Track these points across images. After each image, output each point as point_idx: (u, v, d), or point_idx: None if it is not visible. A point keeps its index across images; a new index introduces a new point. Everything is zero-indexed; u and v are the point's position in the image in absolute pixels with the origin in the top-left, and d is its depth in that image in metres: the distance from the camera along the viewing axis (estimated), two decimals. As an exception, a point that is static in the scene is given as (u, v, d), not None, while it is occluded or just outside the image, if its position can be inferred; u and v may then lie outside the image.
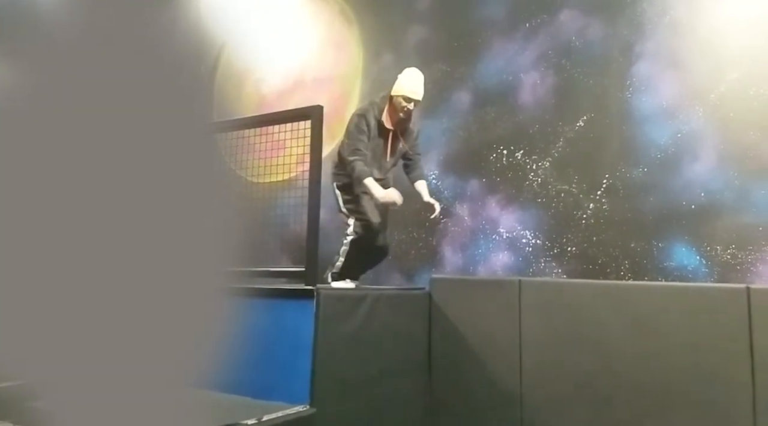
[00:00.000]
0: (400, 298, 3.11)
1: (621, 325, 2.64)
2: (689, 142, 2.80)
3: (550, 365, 2.79)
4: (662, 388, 2.50)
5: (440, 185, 3.61)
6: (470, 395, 2.98)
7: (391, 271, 3.70)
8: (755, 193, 2.64)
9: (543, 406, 2.76)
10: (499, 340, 2.94)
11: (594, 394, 2.64)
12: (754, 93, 2.70)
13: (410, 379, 3.02)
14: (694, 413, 2.42)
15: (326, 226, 3.91)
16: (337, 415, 2.41)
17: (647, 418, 2.51)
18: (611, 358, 2.63)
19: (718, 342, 2.43)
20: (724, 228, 2.66)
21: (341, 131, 4.05)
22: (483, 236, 3.43)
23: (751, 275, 2.59)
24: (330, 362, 2.41)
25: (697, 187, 2.75)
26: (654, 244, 2.81)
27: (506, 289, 3.01)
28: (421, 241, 3.65)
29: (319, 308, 2.35)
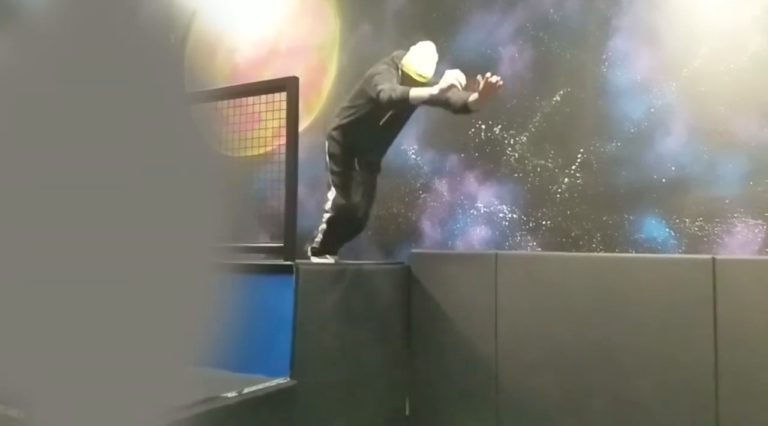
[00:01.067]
0: (379, 272, 3.19)
1: (592, 295, 2.79)
2: (662, 116, 2.90)
3: (525, 334, 2.93)
4: (630, 354, 2.66)
5: (419, 160, 3.67)
6: (448, 364, 3.12)
7: (370, 247, 3.77)
8: (723, 167, 2.77)
9: (517, 373, 2.91)
10: (476, 311, 3.07)
11: (565, 360, 2.79)
12: (724, 68, 2.80)
13: (390, 350, 3.13)
14: (660, 376, 2.59)
15: (305, 202, 3.95)
16: (317, 387, 2.51)
17: (615, 381, 2.67)
18: (582, 326, 2.78)
19: (684, 310, 2.59)
20: (692, 201, 2.79)
21: (318, 104, 4.06)
22: (461, 211, 3.51)
23: (716, 247, 2.74)
24: (310, 336, 2.49)
25: (668, 161, 2.87)
26: (625, 217, 2.93)
27: (483, 262, 3.13)
28: (400, 216, 3.72)
29: (298, 283, 2.42)
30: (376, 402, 2.94)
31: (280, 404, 2.25)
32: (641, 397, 2.62)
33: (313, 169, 3.97)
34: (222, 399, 1.99)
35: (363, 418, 2.83)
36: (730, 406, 2.45)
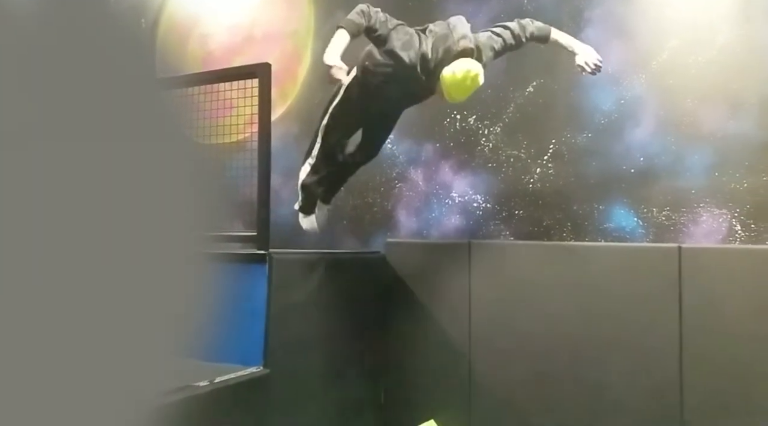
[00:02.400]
0: (355, 261, 3.24)
1: (563, 283, 2.88)
2: (631, 108, 2.99)
3: (497, 321, 3.02)
4: (599, 340, 2.77)
5: (395, 150, 3.71)
6: (422, 352, 3.19)
7: (346, 236, 3.81)
8: (689, 158, 2.87)
9: (490, 359, 3.00)
10: (450, 300, 3.14)
11: (536, 346, 2.89)
12: (692, 61, 2.89)
13: (365, 338, 3.19)
14: (627, 361, 2.70)
15: (279, 190, 3.97)
16: (291, 376, 2.55)
17: (584, 366, 2.78)
18: (553, 313, 2.87)
19: (651, 297, 2.70)
20: (660, 191, 2.90)
21: (294, 91, 4.06)
22: (436, 201, 3.57)
23: (682, 235, 2.85)
24: (283, 325, 2.52)
25: (637, 152, 2.96)
26: (595, 206, 3.03)
27: (458, 251, 3.20)
28: (376, 205, 3.76)
29: (271, 272, 2.45)
30: (350, 390, 3.00)
31: (253, 393, 2.29)
32: (609, 382, 2.73)
33: (288, 157, 3.99)
34: (194, 388, 2.01)
35: (337, 406, 2.88)
36: (694, 390, 2.58)
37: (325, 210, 3.11)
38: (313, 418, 2.71)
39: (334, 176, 3.03)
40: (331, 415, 2.85)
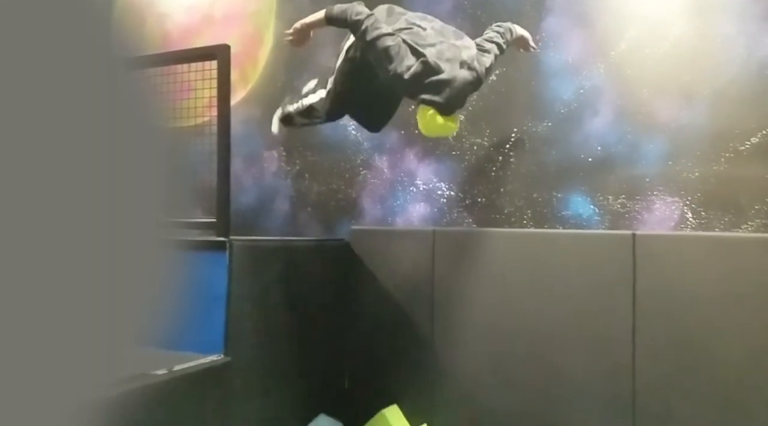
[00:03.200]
0: (319, 248, 3.26)
1: (523, 268, 2.98)
2: (590, 97, 3.08)
3: (460, 307, 3.10)
4: (556, 324, 2.88)
5: (360, 136, 3.72)
6: (387, 337, 3.26)
7: (310, 223, 3.82)
8: (645, 147, 2.99)
9: (452, 344, 3.09)
10: (414, 286, 3.21)
11: (497, 331, 2.98)
12: (649, 52, 3.00)
13: (329, 325, 3.23)
14: (583, 344, 2.81)
15: (241, 176, 3.94)
16: (253, 363, 2.57)
17: (542, 350, 2.89)
18: (513, 298, 2.97)
19: (605, 282, 2.81)
20: (616, 179, 3.01)
21: (255, 74, 4.02)
22: (401, 188, 3.61)
23: (636, 223, 2.98)
24: (245, 313, 2.54)
25: (595, 141, 3.07)
26: (554, 194, 3.12)
27: (422, 238, 3.26)
28: (340, 192, 3.78)
29: (232, 260, 2.45)
30: (314, 376, 3.04)
31: (214, 381, 2.30)
32: (565, 364, 2.84)
33: (250, 143, 3.96)
34: (151, 376, 2.02)
35: (301, 392, 2.92)
36: (645, 373, 2.71)
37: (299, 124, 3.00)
38: (277, 405, 2.74)
39: (335, 115, 2.87)
40: (295, 402, 2.89)
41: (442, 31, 2.37)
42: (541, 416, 2.85)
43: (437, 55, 2.22)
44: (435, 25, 2.39)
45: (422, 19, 2.41)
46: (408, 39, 2.24)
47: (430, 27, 2.34)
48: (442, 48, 2.25)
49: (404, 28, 2.31)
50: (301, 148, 3.84)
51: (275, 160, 3.89)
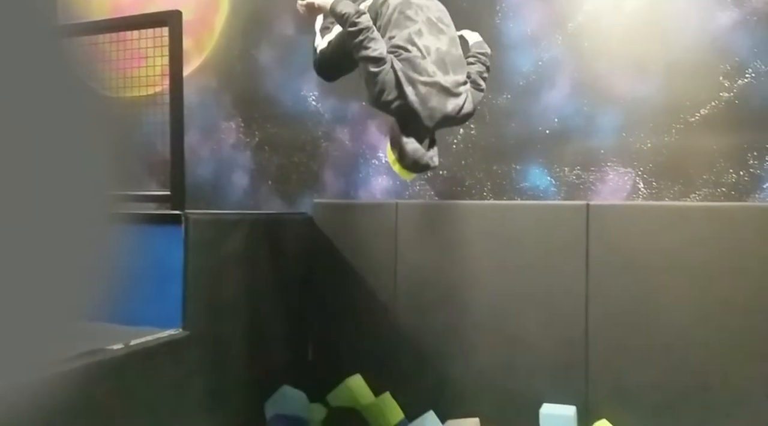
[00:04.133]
0: (280, 222, 3.26)
1: (482, 239, 3.06)
2: (548, 70, 3.15)
3: (422, 277, 3.18)
4: (515, 292, 2.98)
5: (320, 107, 3.70)
6: (350, 308, 3.31)
7: (271, 197, 3.81)
8: (600, 119, 3.08)
9: (415, 314, 3.17)
10: (377, 259, 3.26)
11: (458, 300, 3.07)
12: (605, 23, 3.06)
13: (292, 298, 3.26)
14: (539, 311, 2.93)
15: (198, 148, 3.89)
16: (213, 337, 2.58)
17: (501, 318, 3.00)
18: (473, 269, 3.06)
19: (561, 251, 2.92)
20: (572, 151, 3.10)
21: (210, 43, 3.92)
22: (363, 161, 3.63)
23: (591, 193, 3.09)
24: (203, 286, 2.54)
25: (552, 113, 3.14)
26: (513, 166, 3.20)
27: (385, 211, 3.30)
28: (302, 165, 3.77)
29: (188, 234, 2.44)
30: (277, 348, 3.08)
31: (172, 355, 2.31)
32: (523, 331, 2.96)
33: (206, 113, 3.89)
34: (108, 351, 2.01)
35: (264, 364, 2.96)
36: (598, 337, 2.85)
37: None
38: (238, 377, 2.77)
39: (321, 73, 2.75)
40: (257, 374, 2.92)
41: (444, 57, 2.16)
42: (500, 383, 2.98)
43: (421, 99, 2.09)
44: (441, 45, 2.18)
45: (434, 28, 2.20)
46: (399, 69, 2.07)
47: (434, 49, 2.15)
48: (431, 91, 2.10)
49: (401, 48, 2.10)
50: (260, 119, 3.79)
51: (233, 131, 3.84)
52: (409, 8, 2.19)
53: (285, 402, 2.94)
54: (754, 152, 2.86)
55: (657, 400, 2.70)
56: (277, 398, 2.97)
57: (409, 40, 2.12)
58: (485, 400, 2.96)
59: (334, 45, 2.45)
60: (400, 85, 2.07)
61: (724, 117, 2.89)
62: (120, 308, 2.34)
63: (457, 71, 2.19)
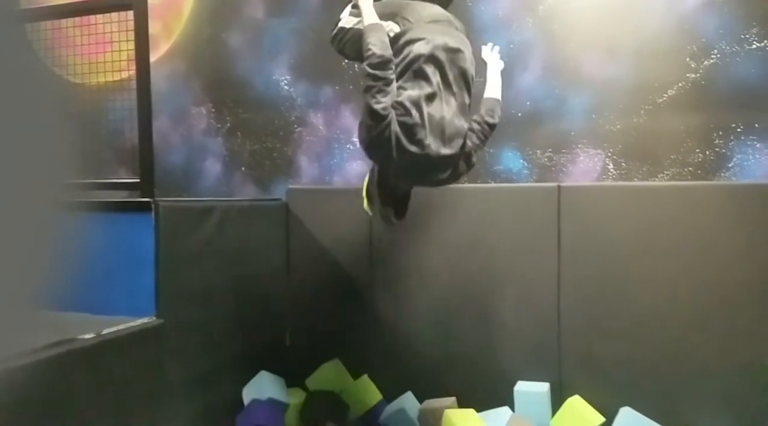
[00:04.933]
0: (254, 209, 3.26)
1: (458, 223, 3.11)
2: (520, 52, 3.17)
3: (399, 263, 3.21)
4: (489, 275, 3.05)
5: (293, 91, 3.68)
6: (327, 294, 3.35)
7: (245, 183, 3.80)
8: (571, 101, 3.13)
9: (392, 300, 3.21)
10: (353, 245, 3.28)
11: (435, 284, 3.12)
12: (576, 6, 3.10)
13: (268, 286, 3.27)
14: (513, 292, 3.00)
15: (167, 135, 3.83)
16: (187, 325, 2.58)
17: (477, 300, 3.06)
18: (450, 252, 3.11)
19: (533, 232, 2.99)
20: (543, 134, 3.15)
21: (179, 27, 3.85)
22: (338, 146, 3.63)
23: (562, 175, 3.15)
24: (177, 275, 2.53)
25: (524, 96, 3.18)
26: (487, 150, 3.22)
27: (360, 197, 3.30)
28: (276, 151, 3.75)
29: (158, 221, 2.42)
30: (254, 335, 3.10)
31: (146, 343, 2.31)
32: (497, 312, 3.03)
33: (176, 99, 3.83)
34: (78, 341, 2.00)
35: (241, 351, 2.98)
36: (569, 315, 2.93)
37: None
38: (215, 364, 2.79)
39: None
40: (234, 361, 2.94)
41: (445, 128, 2.04)
42: (476, 362, 3.05)
43: (406, 168, 2.05)
44: (447, 113, 2.04)
45: (448, 90, 2.06)
46: (394, 133, 1.96)
47: (438, 118, 2.00)
48: (419, 163, 2.03)
49: (405, 109, 1.96)
50: (232, 104, 3.76)
51: (204, 117, 3.80)
52: (432, 64, 2.01)
53: (263, 387, 2.96)
54: (719, 132, 2.95)
55: (627, 376, 2.80)
56: (255, 384, 3.00)
57: (415, 104, 1.97)
58: (462, 379, 3.03)
59: (352, 35, 2.27)
60: (390, 149, 1.98)
61: (690, 98, 2.97)
62: (91, 297, 2.33)
63: (452, 145, 2.06)
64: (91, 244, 2.25)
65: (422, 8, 2.17)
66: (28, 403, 1.71)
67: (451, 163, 2.11)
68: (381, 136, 1.96)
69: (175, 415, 2.47)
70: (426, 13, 2.14)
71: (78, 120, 3.23)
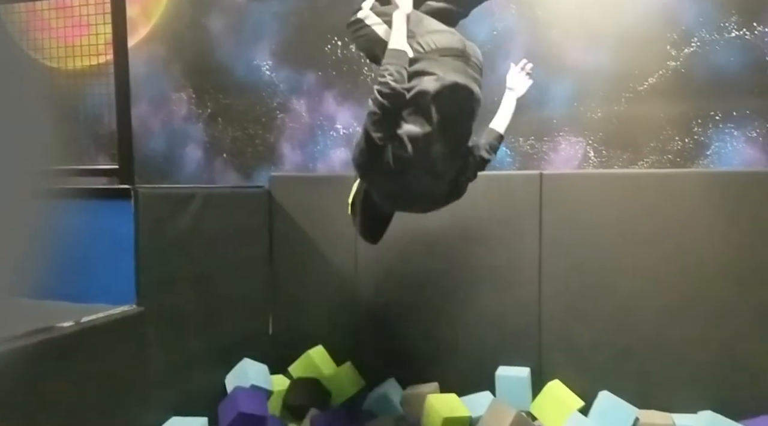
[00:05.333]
0: (236, 196, 3.24)
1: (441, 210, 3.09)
2: (503, 39, 3.18)
3: (383, 252, 3.19)
4: (472, 262, 3.07)
5: (275, 77, 3.65)
6: (311, 283, 3.35)
7: (227, 171, 3.77)
8: (553, 89, 3.15)
9: (375, 285, 3.23)
10: (337, 233, 3.28)
11: (419, 269, 3.14)
12: (558, -7, 3.11)
13: (250, 274, 3.26)
14: (496, 279, 3.03)
15: (147, 120, 3.79)
16: (169, 313, 2.58)
17: (461, 288, 3.09)
18: (432, 241, 3.12)
19: (516, 219, 3.02)
20: (526, 121, 3.16)
21: (158, 10, 3.79)
22: (321, 133, 3.62)
23: (544, 163, 3.18)
24: (157, 262, 2.52)
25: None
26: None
27: (343, 184, 3.28)
28: (258, 138, 3.73)
29: (138, 208, 2.40)
30: (237, 323, 3.09)
31: (127, 332, 2.30)
32: (479, 299, 3.06)
33: (156, 85, 3.78)
34: (57, 329, 1.99)
35: (223, 339, 2.98)
36: (550, 300, 2.97)
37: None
38: (196, 352, 2.78)
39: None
40: (217, 349, 2.94)
41: (437, 165, 2.01)
42: (458, 348, 3.09)
43: (389, 200, 2.08)
44: (444, 149, 2.00)
45: (449, 127, 1.99)
46: (385, 163, 1.91)
47: (432, 154, 1.96)
48: (405, 199, 2.06)
49: (402, 143, 1.90)
50: (212, 90, 3.71)
51: (184, 102, 3.75)
52: (436, 104, 1.93)
53: (246, 374, 2.97)
54: (698, 120, 2.99)
55: (606, 361, 2.86)
56: (238, 371, 3.00)
57: (412, 140, 1.91)
58: (444, 365, 3.07)
59: (368, 33, 2.16)
60: (381, 176, 1.96)
61: (670, 86, 3.00)
62: (70, 285, 2.31)
63: (442, 181, 2.06)
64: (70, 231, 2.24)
65: (440, 35, 2.04)
66: (5, 393, 1.70)
67: (439, 196, 2.12)
68: (373, 162, 1.91)
69: (157, 404, 2.47)
70: (442, 43, 2.01)
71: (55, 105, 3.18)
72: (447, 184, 2.09)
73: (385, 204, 2.14)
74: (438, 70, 1.93)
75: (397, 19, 1.97)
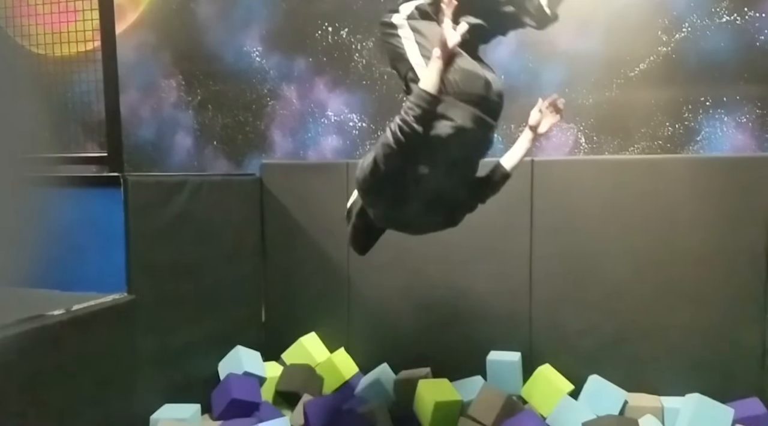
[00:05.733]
0: (227, 184, 3.23)
1: (432, 197, 3.13)
2: (495, 25, 3.17)
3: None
4: (464, 249, 3.08)
5: (265, 64, 3.62)
6: (303, 269, 3.36)
7: (217, 158, 3.75)
8: (544, 75, 3.15)
9: (368, 274, 3.24)
10: (329, 220, 3.28)
11: (411, 259, 3.15)
12: (550, -21, 3.09)
13: (242, 262, 3.27)
14: (487, 265, 3.05)
15: (138, 108, 3.76)
16: (161, 301, 2.58)
17: (452, 274, 3.11)
18: (422, 227, 3.14)
19: (507, 206, 3.01)
20: (518, 108, 3.13)
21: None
22: (312, 120, 3.60)
23: (535, 149, 3.18)
24: (148, 250, 2.52)
25: (499, 71, 3.13)
26: (461, 123, 3.26)
27: (335, 172, 3.30)
28: (248, 125, 3.71)
29: (127, 196, 2.39)
30: (229, 310, 3.11)
31: (118, 319, 2.30)
32: (471, 284, 3.09)
33: (145, 71, 3.75)
34: (48, 317, 1.99)
35: (216, 326, 2.99)
36: (541, 285, 3.00)
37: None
38: (190, 340, 2.80)
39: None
40: (210, 336, 2.96)
41: (435, 201, 2.00)
42: (450, 333, 3.12)
43: (382, 222, 2.11)
44: (447, 185, 1.98)
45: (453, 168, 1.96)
46: (393, 193, 1.91)
47: (432, 190, 1.94)
48: (397, 224, 2.10)
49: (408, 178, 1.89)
50: (202, 76, 3.69)
51: (174, 89, 3.72)
52: (448, 149, 1.90)
53: (239, 361, 2.99)
54: (688, 106, 3.01)
55: (595, 345, 2.90)
56: (231, 358, 3.02)
57: (418, 177, 1.89)
58: (436, 350, 3.10)
59: (396, 45, 2.04)
60: (379, 201, 1.97)
61: (661, 71, 3.01)
62: (60, 274, 2.31)
63: (439, 213, 2.07)
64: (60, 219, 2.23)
65: (466, 76, 1.96)
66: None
67: (434, 225, 2.15)
68: (374, 188, 1.91)
69: (149, 391, 2.49)
70: (466, 86, 1.94)
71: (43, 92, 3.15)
72: (444, 215, 2.11)
73: (380, 222, 2.16)
74: (456, 117, 1.88)
75: (434, 66, 1.86)
